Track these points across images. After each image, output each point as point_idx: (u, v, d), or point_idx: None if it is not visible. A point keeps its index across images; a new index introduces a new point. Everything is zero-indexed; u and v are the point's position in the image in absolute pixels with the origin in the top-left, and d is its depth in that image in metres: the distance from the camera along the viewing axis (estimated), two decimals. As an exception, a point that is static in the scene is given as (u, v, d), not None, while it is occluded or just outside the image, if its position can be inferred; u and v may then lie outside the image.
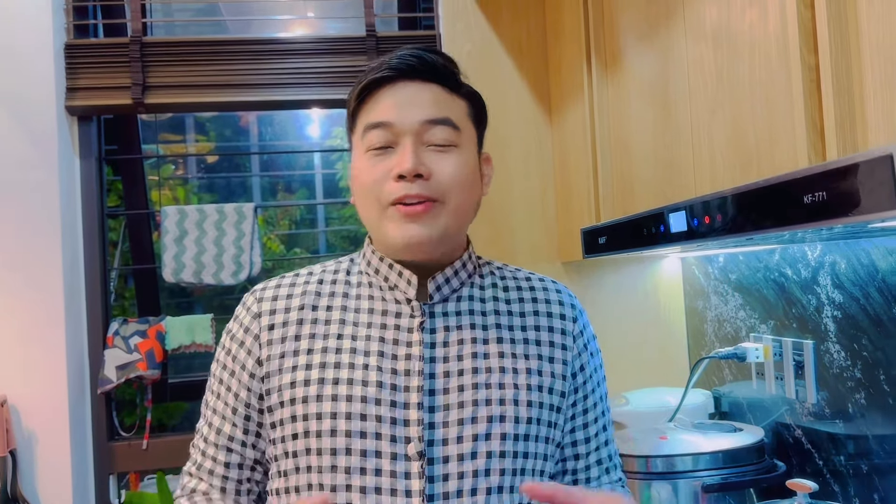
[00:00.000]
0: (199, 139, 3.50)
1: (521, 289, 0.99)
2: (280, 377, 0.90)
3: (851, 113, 0.83)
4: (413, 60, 0.90)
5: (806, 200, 0.78)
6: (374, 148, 0.90)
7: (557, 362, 0.94)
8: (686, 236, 1.10)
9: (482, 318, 0.94)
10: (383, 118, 0.89)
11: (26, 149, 1.99)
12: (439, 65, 0.91)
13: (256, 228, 2.16)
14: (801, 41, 0.89)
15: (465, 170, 0.91)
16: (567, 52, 1.86)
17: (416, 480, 0.84)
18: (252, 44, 2.12)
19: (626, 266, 2.05)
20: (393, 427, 0.86)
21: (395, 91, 0.90)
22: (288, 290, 0.96)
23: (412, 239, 0.88)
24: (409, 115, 0.89)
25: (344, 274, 0.97)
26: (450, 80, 0.92)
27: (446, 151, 0.89)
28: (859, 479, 1.33)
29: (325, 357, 0.90)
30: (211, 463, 0.94)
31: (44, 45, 2.00)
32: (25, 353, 1.96)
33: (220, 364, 0.96)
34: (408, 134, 0.88)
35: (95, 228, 2.13)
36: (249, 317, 0.95)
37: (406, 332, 0.91)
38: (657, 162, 1.37)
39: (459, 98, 0.93)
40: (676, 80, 1.27)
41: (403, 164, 0.87)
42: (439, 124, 0.89)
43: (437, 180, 0.88)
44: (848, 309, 1.33)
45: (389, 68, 0.90)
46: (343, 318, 0.93)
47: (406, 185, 0.87)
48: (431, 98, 0.90)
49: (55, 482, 1.96)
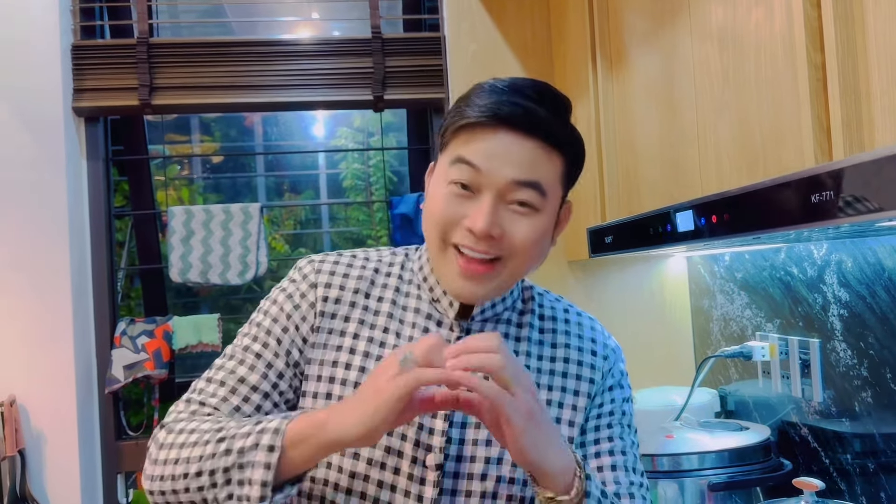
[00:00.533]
0: (205, 139, 3.51)
1: (557, 320, 0.98)
2: (324, 352, 0.92)
3: (858, 112, 0.83)
4: (520, 115, 0.85)
5: (813, 200, 0.78)
6: (457, 183, 0.86)
7: (582, 396, 0.94)
8: (693, 235, 1.10)
9: (515, 344, 0.94)
10: (475, 161, 0.85)
11: (34, 150, 2.00)
12: (546, 121, 0.86)
13: (262, 228, 2.17)
14: (808, 40, 0.90)
15: (539, 236, 0.88)
16: (572, 52, 1.86)
17: (429, 488, 0.86)
18: (258, 45, 2.13)
19: (631, 265, 2.05)
20: (418, 433, 0.87)
21: (494, 138, 0.85)
22: (345, 270, 0.96)
23: (461, 294, 0.88)
24: (498, 170, 0.84)
25: (398, 268, 0.98)
26: (552, 135, 0.87)
27: (526, 214, 0.86)
28: (866, 478, 1.33)
29: (370, 347, 0.91)
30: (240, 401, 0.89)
31: (51, 47, 2.01)
32: (33, 353, 1.97)
33: (269, 316, 0.94)
34: (492, 188, 0.85)
35: (103, 229, 2.14)
36: (306, 284, 0.95)
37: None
38: (663, 161, 1.38)
39: (557, 155, 0.88)
40: (682, 79, 1.27)
41: (477, 223, 0.84)
42: (527, 187, 0.85)
43: (509, 242, 0.86)
44: (854, 307, 1.33)
45: (495, 116, 0.85)
46: (391, 313, 0.94)
47: (474, 241, 0.85)
48: (527, 158, 0.85)
49: (64, 481, 1.97)
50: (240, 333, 0.97)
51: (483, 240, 0.85)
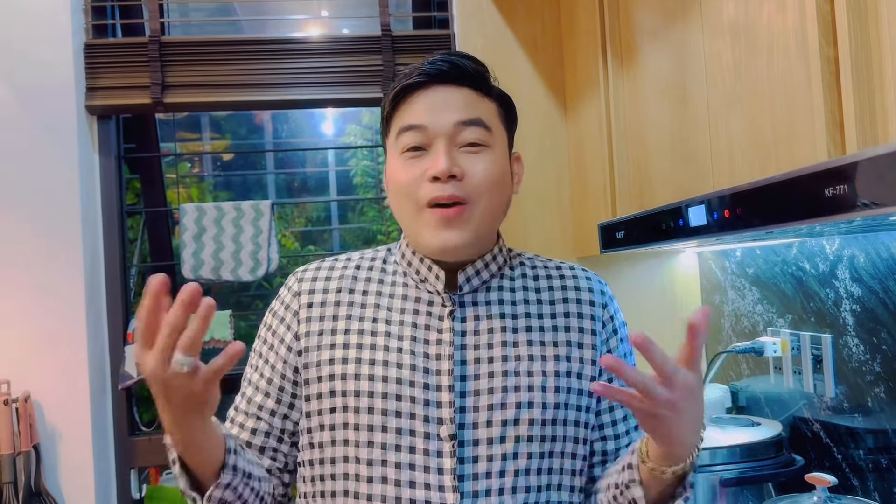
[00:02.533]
0: (215, 137, 3.53)
1: (551, 277, 1.02)
2: (319, 353, 0.95)
3: (871, 105, 0.83)
4: (445, 65, 0.94)
5: (827, 194, 0.78)
6: (408, 149, 0.93)
7: (587, 347, 0.97)
8: (706, 230, 1.10)
9: (511, 307, 0.97)
10: (416, 121, 0.93)
11: (47, 148, 2.01)
12: (470, 69, 0.95)
13: (273, 225, 2.18)
14: (821, 34, 0.89)
15: (497, 169, 0.94)
16: (582, 47, 1.86)
17: (447, 459, 0.89)
18: (268, 43, 2.14)
19: (642, 261, 2.05)
20: (426, 408, 0.90)
21: (428, 95, 0.94)
22: (327, 273, 1.01)
23: (447, 244, 0.92)
24: (441, 118, 0.92)
25: (381, 262, 1.02)
26: (480, 83, 0.96)
27: (478, 152, 0.93)
28: (879, 474, 1.33)
29: (362, 338, 0.94)
30: (237, 429, 0.97)
31: (63, 46, 2.03)
32: (47, 349, 1.99)
33: (260, 339, 1.01)
34: (441, 136, 0.92)
35: (115, 226, 2.15)
36: (290, 295, 1.00)
37: (437, 320, 0.95)
38: (674, 156, 1.37)
39: (490, 100, 0.97)
40: (693, 74, 1.27)
41: (437, 166, 0.90)
42: (471, 125, 0.93)
43: (470, 181, 0.91)
44: (867, 302, 1.33)
45: (422, 73, 0.94)
46: (378, 303, 0.97)
47: (440, 186, 0.90)
48: (463, 101, 0.94)
49: (77, 477, 1.99)
50: (247, 365, 1.03)
51: (448, 182, 0.90)
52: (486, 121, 0.95)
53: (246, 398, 0.99)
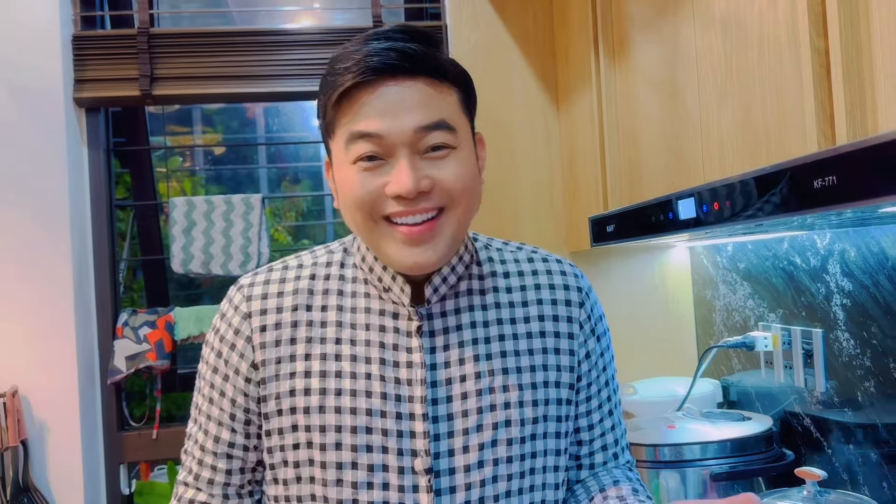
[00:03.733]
0: (207, 131, 3.50)
1: (524, 274, 0.92)
2: (278, 384, 0.85)
3: (862, 97, 0.82)
4: (395, 57, 0.78)
5: (816, 185, 0.77)
6: (363, 158, 0.80)
7: (564, 353, 0.90)
8: (695, 223, 1.10)
9: (483, 314, 0.88)
10: (369, 129, 0.78)
11: (35, 141, 1.99)
12: (424, 55, 0.80)
13: (264, 219, 2.16)
14: (811, 26, 0.89)
15: (467, 171, 0.82)
16: (574, 40, 1.85)
17: (423, 494, 0.82)
18: (259, 35, 2.12)
19: (634, 255, 2.04)
20: (399, 440, 0.82)
21: (379, 96, 0.78)
22: (278, 288, 0.88)
23: (417, 264, 0.81)
24: (398, 124, 0.78)
25: (338, 267, 0.90)
26: (436, 70, 0.81)
27: (445, 156, 0.81)
28: (869, 468, 1.33)
29: (325, 365, 0.84)
30: (210, 472, 0.89)
31: (52, 38, 2.01)
32: (36, 344, 1.97)
33: (209, 367, 0.89)
34: (400, 145, 0.78)
35: (104, 219, 2.14)
36: (239, 317, 0.87)
37: (405, 337, 0.85)
38: (665, 149, 1.37)
39: (448, 88, 0.82)
40: (685, 67, 1.26)
41: (402, 185, 0.77)
42: (434, 129, 0.79)
43: (441, 189, 0.80)
44: (857, 297, 1.33)
45: (370, 69, 0.78)
46: (340, 321, 0.86)
47: (406, 204, 0.79)
48: (420, 98, 0.79)
49: (66, 472, 1.98)
50: (196, 388, 0.93)
51: (414, 199, 0.78)
52: (450, 119, 0.81)
53: (212, 436, 0.88)
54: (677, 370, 1.97)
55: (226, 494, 0.89)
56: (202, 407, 0.90)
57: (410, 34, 0.81)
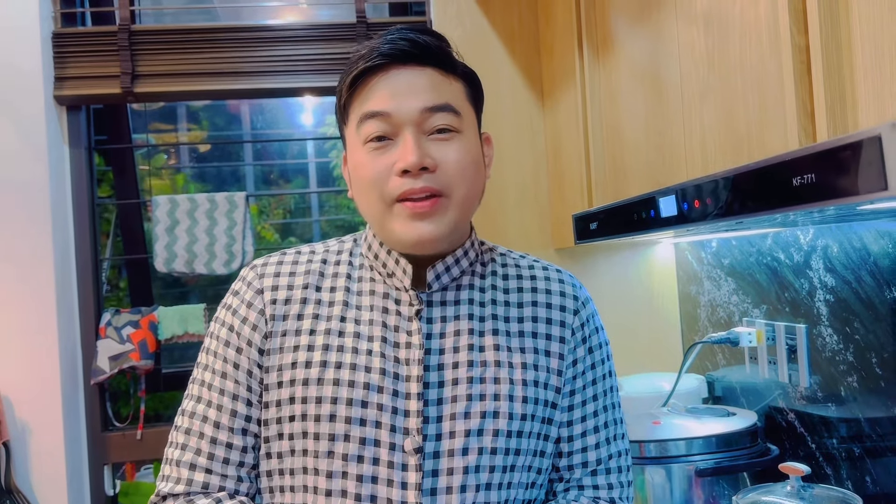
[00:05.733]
0: (192, 128, 3.48)
1: (523, 277, 0.96)
2: (281, 356, 0.88)
3: (842, 94, 0.82)
4: (405, 45, 0.86)
5: (795, 183, 0.77)
6: (372, 139, 0.86)
7: (554, 356, 0.91)
8: (676, 220, 1.10)
9: (480, 309, 0.91)
10: (379, 108, 0.85)
11: (15, 139, 1.97)
12: (434, 47, 0.87)
13: (248, 217, 2.15)
14: (792, 22, 0.89)
15: (470, 156, 0.88)
16: (559, 37, 1.84)
17: (412, 473, 0.83)
18: (242, 31, 2.10)
19: (619, 252, 2.05)
20: (393, 416, 0.84)
21: (389, 79, 0.86)
22: (290, 268, 0.93)
23: (422, 237, 0.85)
24: (407, 104, 0.85)
25: (347, 255, 0.95)
26: (445, 62, 0.89)
27: (449, 139, 0.86)
28: (852, 462, 1.34)
29: (329, 339, 0.87)
30: (225, 450, 0.87)
31: (31, 35, 1.98)
32: (18, 344, 1.95)
33: (220, 341, 0.90)
34: (408, 124, 0.85)
35: (86, 218, 2.12)
36: (252, 292, 0.91)
37: (406, 321, 0.89)
38: (649, 146, 1.37)
39: (456, 80, 0.90)
40: (668, 63, 1.26)
41: (407, 158, 0.83)
42: (439, 111, 0.86)
43: (443, 171, 0.85)
44: (840, 292, 1.33)
45: (381, 55, 0.85)
46: (346, 301, 0.90)
47: (411, 180, 0.84)
48: (428, 83, 0.86)
49: (49, 473, 1.96)
50: (197, 365, 0.92)
51: (419, 175, 0.84)
52: (455, 104, 0.87)
53: (227, 412, 0.88)
54: (662, 366, 1.98)
55: (239, 477, 0.88)
56: (213, 383, 0.89)
57: (423, 31, 0.89)
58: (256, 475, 0.90)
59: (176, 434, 0.90)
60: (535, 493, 0.91)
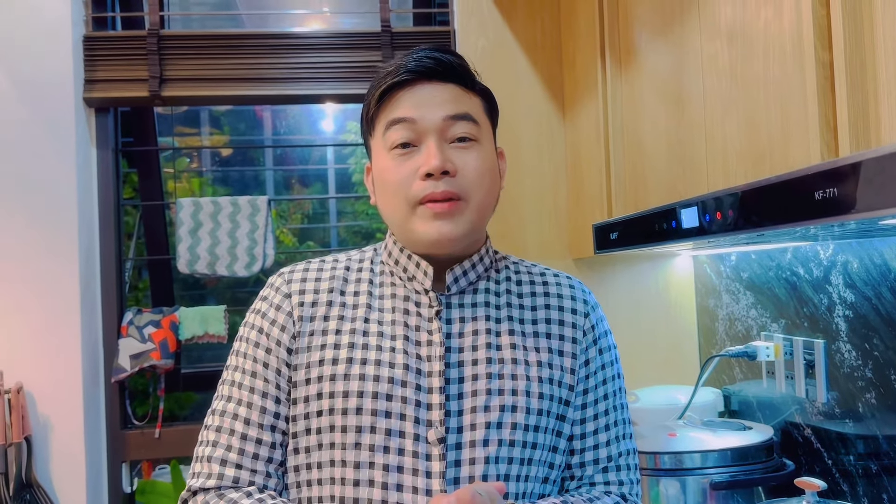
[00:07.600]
0: (214, 132, 3.52)
1: (535, 283, 1.01)
2: (308, 354, 0.93)
3: (865, 110, 0.83)
4: (430, 62, 0.93)
5: (817, 196, 0.78)
6: (398, 146, 0.92)
7: (567, 356, 0.96)
8: (698, 232, 1.10)
9: (496, 311, 0.97)
10: (406, 115, 0.92)
11: (44, 140, 2.01)
12: (456, 65, 0.95)
13: (270, 221, 2.17)
14: (816, 38, 0.89)
15: (487, 164, 0.94)
16: (581, 48, 1.86)
17: (436, 462, 0.87)
18: (268, 38, 2.14)
19: (637, 264, 2.05)
20: (417, 409, 0.89)
21: (415, 92, 0.93)
22: (316, 274, 0.99)
23: (442, 235, 0.91)
24: (430, 113, 0.92)
25: (368, 263, 1.01)
26: (465, 78, 0.96)
27: (468, 147, 0.93)
28: (868, 479, 1.33)
29: (354, 338, 0.92)
30: (255, 446, 0.91)
31: (62, 38, 2.02)
32: (41, 341, 1.99)
33: (250, 343, 0.96)
34: (431, 131, 0.92)
35: (111, 219, 2.15)
36: (280, 296, 0.97)
37: (426, 321, 0.94)
38: (670, 158, 1.38)
39: (475, 95, 0.97)
40: (690, 76, 1.27)
41: (431, 162, 0.90)
42: (461, 119, 0.93)
43: (462, 176, 0.91)
44: (860, 308, 1.33)
45: (408, 71, 0.93)
46: (369, 303, 0.96)
47: (433, 184, 0.90)
48: (450, 96, 0.93)
49: (69, 469, 1.99)
50: (227, 368, 0.97)
51: (441, 178, 0.90)
52: (474, 115, 0.95)
53: (257, 409, 0.92)
54: (679, 378, 1.97)
55: (268, 472, 0.92)
56: (243, 382, 0.94)
57: (446, 51, 0.96)
58: (284, 472, 0.93)
59: (206, 432, 0.94)
60: (549, 489, 0.95)
